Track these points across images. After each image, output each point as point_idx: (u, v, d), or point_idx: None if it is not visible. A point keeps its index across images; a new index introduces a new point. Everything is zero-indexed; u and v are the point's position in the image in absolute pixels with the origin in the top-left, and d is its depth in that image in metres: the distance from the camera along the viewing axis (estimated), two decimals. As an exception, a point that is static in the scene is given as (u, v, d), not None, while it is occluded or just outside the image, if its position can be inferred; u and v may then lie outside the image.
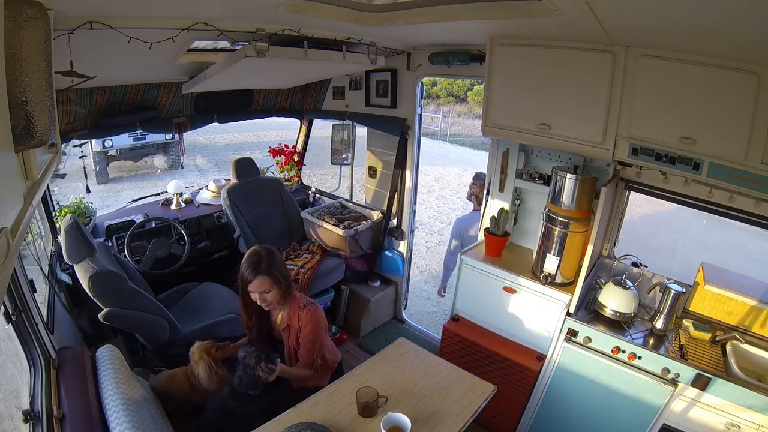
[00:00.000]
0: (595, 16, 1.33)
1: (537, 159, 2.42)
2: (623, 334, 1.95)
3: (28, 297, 1.43)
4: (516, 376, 2.24)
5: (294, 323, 1.84)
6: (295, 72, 2.73)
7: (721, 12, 1.09)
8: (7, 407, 1.40)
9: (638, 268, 2.22)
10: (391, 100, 2.96)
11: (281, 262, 1.82)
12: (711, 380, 1.71)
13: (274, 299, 1.77)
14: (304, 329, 1.82)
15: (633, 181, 2.12)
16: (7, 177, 0.84)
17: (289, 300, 1.85)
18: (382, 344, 2.19)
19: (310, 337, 1.81)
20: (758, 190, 1.56)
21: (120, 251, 2.67)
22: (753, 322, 1.89)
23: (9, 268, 0.78)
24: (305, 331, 1.81)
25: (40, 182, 1.12)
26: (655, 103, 1.68)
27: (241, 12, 1.69)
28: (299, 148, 3.90)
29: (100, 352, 1.69)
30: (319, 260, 3.11)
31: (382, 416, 1.47)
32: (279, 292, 1.76)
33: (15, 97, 0.83)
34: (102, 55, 1.81)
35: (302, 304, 1.85)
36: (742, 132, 1.51)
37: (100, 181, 8.41)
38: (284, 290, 1.79)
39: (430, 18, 1.64)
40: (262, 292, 1.73)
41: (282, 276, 1.77)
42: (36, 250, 2.09)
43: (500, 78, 2.06)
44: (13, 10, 0.82)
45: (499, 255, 2.42)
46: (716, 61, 1.49)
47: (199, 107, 3.01)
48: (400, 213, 3.20)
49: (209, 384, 1.84)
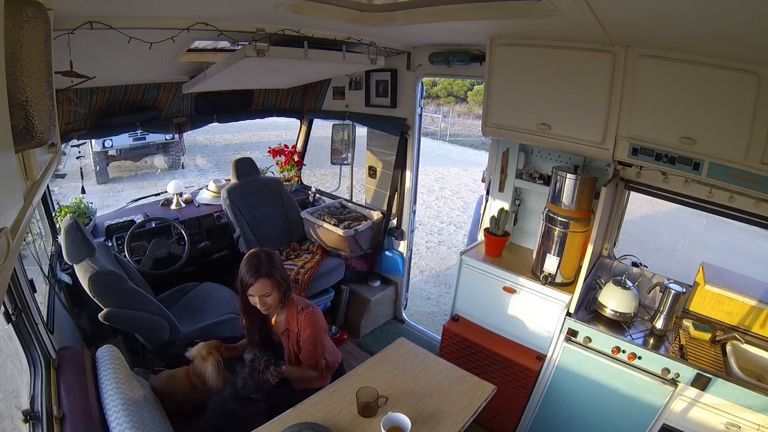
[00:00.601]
0: (595, 16, 1.33)
1: (537, 159, 2.42)
2: (623, 334, 1.95)
3: (28, 297, 1.43)
4: (516, 376, 2.24)
5: (293, 327, 1.83)
6: (295, 72, 2.73)
7: (721, 12, 1.09)
8: (7, 407, 1.40)
9: (638, 268, 2.22)
10: (391, 100, 2.96)
11: (281, 264, 1.81)
12: (711, 380, 1.71)
13: (274, 303, 1.76)
14: (304, 332, 1.81)
15: (633, 181, 2.12)
16: (7, 177, 0.83)
17: (288, 303, 1.84)
18: (382, 344, 2.19)
19: (311, 340, 1.81)
20: (758, 190, 1.56)
21: (120, 251, 2.67)
22: (753, 322, 1.89)
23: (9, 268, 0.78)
24: (305, 334, 1.81)
25: (40, 182, 1.12)
26: (655, 103, 1.68)
27: (241, 12, 1.69)
28: (299, 148, 3.90)
29: (100, 352, 1.69)
30: (319, 260, 3.11)
31: (382, 416, 1.47)
32: (279, 295, 1.76)
33: (15, 97, 0.83)
34: (102, 55, 1.81)
35: (300, 307, 1.84)
36: (742, 132, 1.51)
37: (100, 181, 8.39)
38: (284, 293, 1.78)
39: (430, 18, 1.64)
40: (262, 296, 1.72)
41: (282, 278, 1.76)
42: (36, 250, 2.09)
43: (500, 78, 2.06)
44: (13, 10, 0.82)
45: (499, 255, 2.42)
46: (716, 61, 1.49)
47: (199, 107, 3.01)
48: (400, 213, 3.20)
49: (215, 382, 1.83)
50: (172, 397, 1.88)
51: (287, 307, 1.85)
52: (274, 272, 1.73)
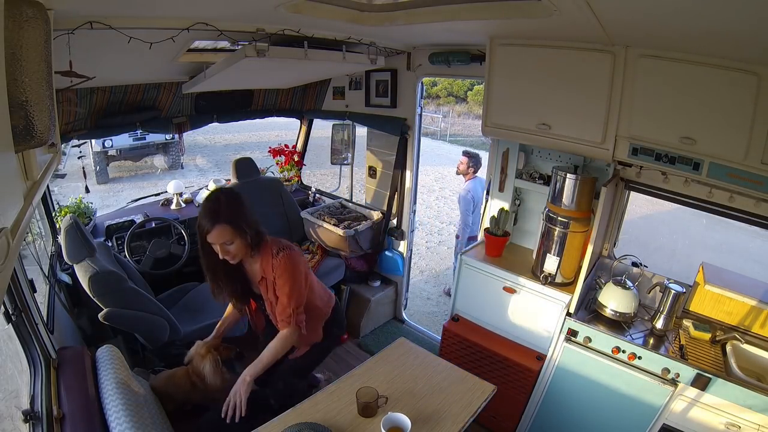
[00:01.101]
0: (595, 16, 1.33)
1: (537, 159, 2.42)
2: (623, 334, 1.95)
3: (28, 297, 1.43)
4: (516, 376, 2.24)
5: (268, 274, 1.62)
6: (295, 72, 2.73)
7: (721, 12, 1.09)
8: (7, 407, 1.40)
9: (638, 268, 2.22)
10: (391, 100, 2.96)
11: (246, 207, 1.58)
12: (711, 380, 1.71)
13: (239, 251, 1.55)
14: (279, 280, 1.59)
15: (633, 181, 2.12)
16: (7, 177, 0.84)
17: (262, 248, 1.62)
18: (382, 344, 2.20)
19: (285, 289, 1.59)
20: (758, 190, 1.56)
21: (120, 251, 2.67)
22: (753, 322, 1.89)
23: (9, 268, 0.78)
24: (280, 282, 1.59)
25: (40, 182, 1.12)
26: (655, 103, 1.68)
27: (241, 12, 1.69)
28: (299, 148, 3.90)
29: (100, 352, 1.68)
30: (319, 260, 3.12)
31: (382, 416, 1.47)
32: (244, 242, 1.54)
33: (15, 97, 0.83)
34: (102, 55, 1.81)
35: (275, 250, 1.61)
36: (742, 132, 1.51)
37: (100, 181, 8.40)
38: (251, 240, 1.56)
39: (430, 18, 1.64)
40: (223, 244, 1.51)
41: (247, 224, 1.54)
42: (36, 250, 2.09)
43: (500, 78, 2.06)
44: (13, 10, 0.82)
45: (499, 255, 2.42)
46: (716, 61, 1.49)
47: (199, 107, 3.01)
48: (400, 213, 3.20)
49: (213, 380, 1.83)
50: (172, 397, 1.88)
51: (261, 252, 1.63)
52: (237, 218, 1.51)
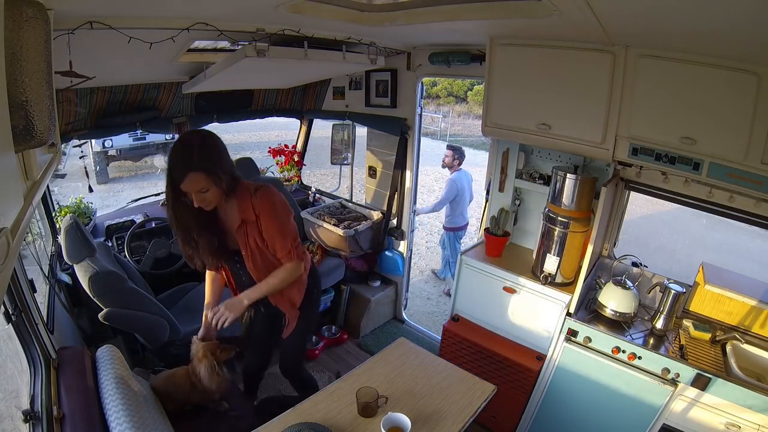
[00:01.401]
0: (595, 16, 1.33)
1: (537, 159, 2.42)
2: (623, 334, 1.95)
3: (28, 297, 1.43)
4: (516, 376, 2.24)
5: (249, 216, 1.55)
6: (295, 72, 2.73)
7: (720, 12, 1.09)
8: (7, 407, 1.40)
9: (638, 268, 2.22)
10: (391, 100, 2.96)
11: (221, 150, 1.49)
12: (711, 380, 1.71)
13: (215, 198, 1.47)
14: (264, 216, 1.53)
15: (633, 181, 2.12)
16: (7, 177, 0.83)
17: (238, 191, 1.54)
18: (382, 344, 2.20)
19: (274, 226, 1.54)
20: (758, 190, 1.56)
21: (120, 251, 2.67)
22: (753, 322, 1.89)
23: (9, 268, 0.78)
24: (265, 219, 1.53)
25: (40, 182, 1.12)
26: (655, 103, 1.68)
27: (241, 12, 1.69)
28: (299, 148, 3.90)
29: (100, 352, 1.68)
30: (319, 260, 3.12)
31: (382, 416, 1.47)
32: (219, 189, 1.46)
33: (15, 97, 0.83)
34: (102, 55, 1.81)
35: (252, 189, 1.54)
36: (741, 132, 1.51)
37: (100, 181, 8.40)
38: (227, 185, 1.48)
39: (430, 18, 1.64)
40: (198, 191, 1.43)
41: (223, 171, 1.45)
42: (36, 250, 2.09)
43: (500, 78, 2.06)
44: (13, 10, 0.82)
45: (499, 255, 2.42)
46: (716, 61, 1.49)
47: (199, 107, 3.01)
48: (400, 213, 3.20)
49: (209, 383, 1.83)
50: (172, 397, 1.88)
51: (237, 195, 1.54)
52: (211, 164, 1.41)
